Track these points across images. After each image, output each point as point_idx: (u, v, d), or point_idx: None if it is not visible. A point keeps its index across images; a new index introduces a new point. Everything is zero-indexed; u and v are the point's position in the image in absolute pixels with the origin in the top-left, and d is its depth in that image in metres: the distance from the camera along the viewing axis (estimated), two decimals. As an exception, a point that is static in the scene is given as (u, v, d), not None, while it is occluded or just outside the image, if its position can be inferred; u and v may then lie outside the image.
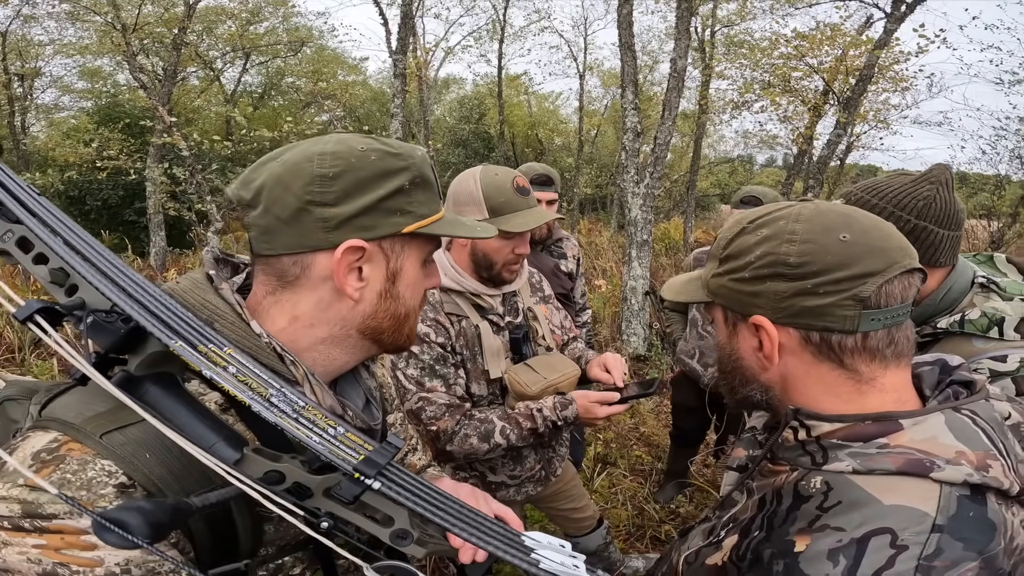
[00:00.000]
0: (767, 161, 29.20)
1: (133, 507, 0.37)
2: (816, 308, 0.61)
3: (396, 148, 0.61)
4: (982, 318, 1.07)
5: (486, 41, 12.02)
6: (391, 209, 0.60)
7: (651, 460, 3.31)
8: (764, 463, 0.72)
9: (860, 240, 0.60)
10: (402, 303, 0.65)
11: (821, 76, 6.72)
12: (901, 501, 0.56)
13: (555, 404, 1.31)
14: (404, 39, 5.16)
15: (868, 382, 0.64)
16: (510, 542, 0.49)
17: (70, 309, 0.44)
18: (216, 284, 0.60)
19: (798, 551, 0.57)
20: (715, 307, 0.74)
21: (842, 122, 5.56)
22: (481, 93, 15.61)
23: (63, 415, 0.50)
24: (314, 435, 0.46)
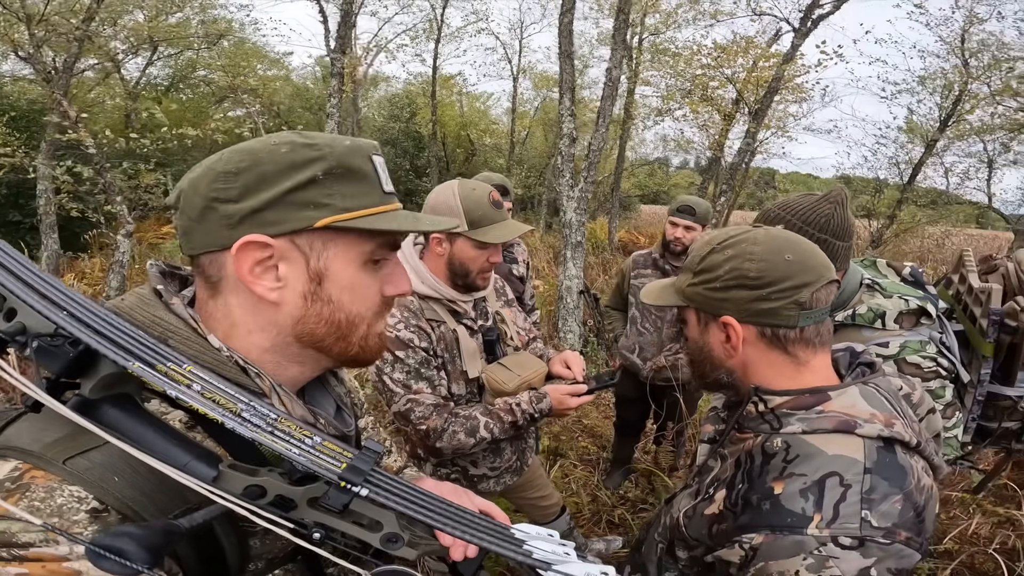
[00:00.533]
0: (681, 163, 31.05)
1: (125, 533, 0.37)
2: (769, 310, 0.82)
3: (313, 139, 0.57)
4: (868, 312, 1.36)
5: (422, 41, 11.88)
6: (301, 202, 0.55)
7: (597, 450, 3.49)
8: (733, 433, 0.90)
9: (799, 260, 0.81)
10: (339, 308, 0.59)
11: (735, 86, 7.32)
12: (839, 451, 0.75)
13: (531, 398, 1.41)
14: (344, 37, 5.03)
15: (804, 364, 0.85)
16: (501, 536, 0.50)
17: (11, 335, 0.43)
18: (166, 299, 0.58)
19: (777, 493, 0.75)
20: (689, 310, 0.92)
21: (752, 131, 6.12)
22: (412, 92, 15.40)
23: (18, 443, 0.47)
24: (292, 447, 0.45)
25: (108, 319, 0.47)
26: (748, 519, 0.76)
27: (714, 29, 9.02)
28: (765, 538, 0.73)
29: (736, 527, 0.78)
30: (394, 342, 1.35)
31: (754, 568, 0.73)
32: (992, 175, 10.48)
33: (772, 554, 0.72)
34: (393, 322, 1.36)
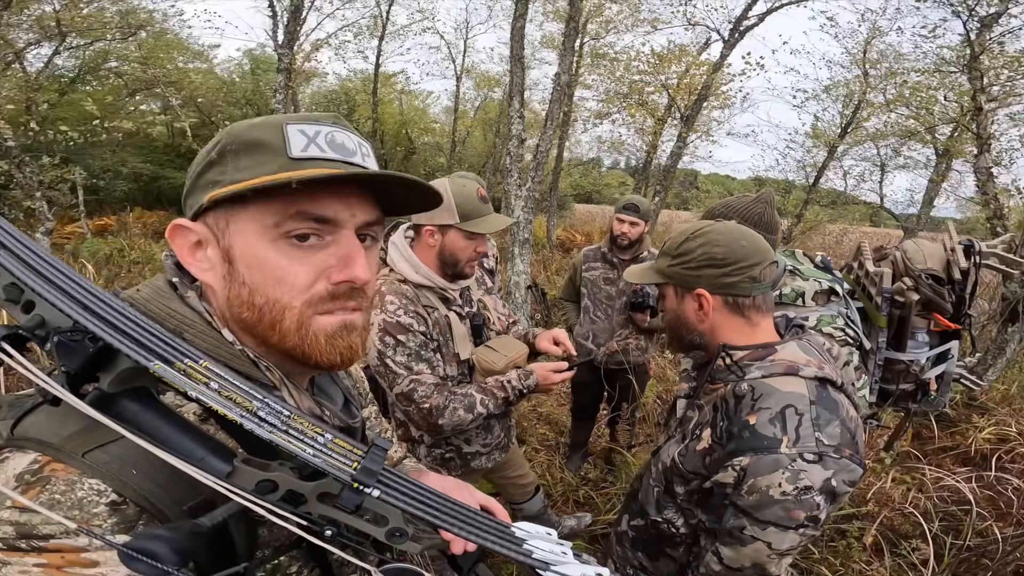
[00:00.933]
0: (613, 164, 32.17)
1: (155, 535, 0.38)
2: (731, 283, 1.05)
3: (223, 131, 0.58)
4: (791, 292, 1.69)
5: (366, 37, 11.60)
6: (204, 184, 0.56)
7: (555, 436, 3.69)
8: (706, 384, 1.11)
9: (751, 245, 1.05)
10: (257, 291, 0.56)
11: (668, 92, 7.79)
12: (790, 389, 0.97)
13: (519, 375, 1.56)
14: (292, 32, 4.91)
15: (756, 325, 1.09)
16: (502, 535, 0.52)
17: (31, 330, 0.43)
18: (181, 292, 0.59)
19: (752, 423, 0.96)
20: (668, 286, 1.14)
21: (683, 135, 6.58)
22: (348, 88, 15.03)
23: (38, 435, 0.48)
24: (307, 447, 0.46)
25: (125, 312, 0.46)
26: (734, 446, 0.96)
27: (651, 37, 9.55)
28: (750, 459, 0.92)
29: (726, 454, 0.97)
30: (395, 327, 1.45)
31: (746, 485, 0.92)
32: (884, 178, 11.74)
33: (758, 471, 0.91)
34: (393, 308, 1.46)
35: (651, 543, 1.21)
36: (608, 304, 3.03)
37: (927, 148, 9.68)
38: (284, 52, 4.82)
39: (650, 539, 1.21)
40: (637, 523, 1.26)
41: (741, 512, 0.94)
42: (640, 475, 1.33)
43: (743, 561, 0.96)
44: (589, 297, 3.07)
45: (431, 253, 1.54)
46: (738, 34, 6.62)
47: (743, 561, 0.96)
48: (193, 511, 0.49)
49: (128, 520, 0.46)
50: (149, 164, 14.58)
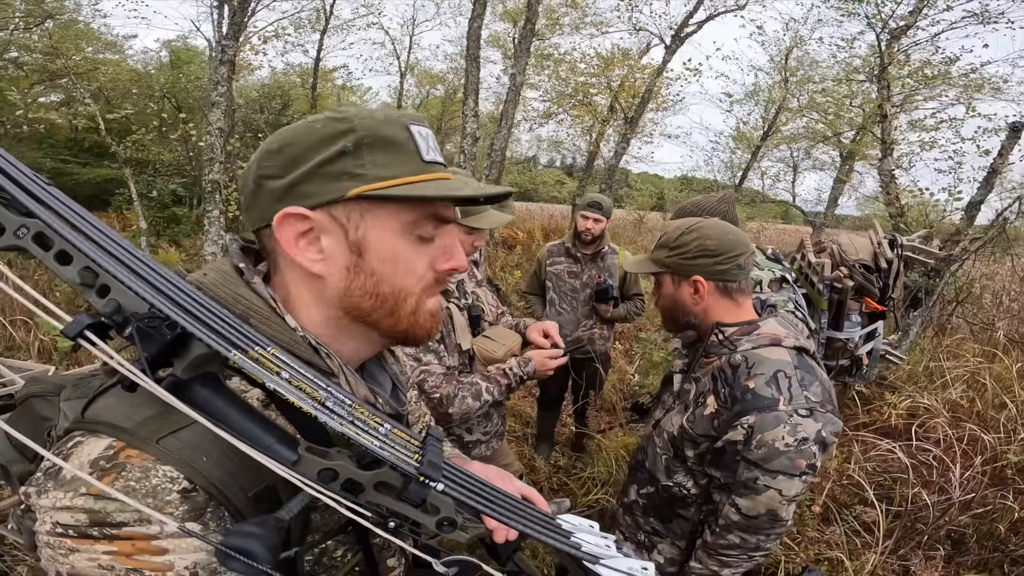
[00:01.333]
0: (549, 162, 32.84)
1: (250, 533, 0.38)
2: (723, 271, 1.22)
3: (344, 113, 0.57)
4: (751, 280, 1.94)
5: (307, 31, 11.07)
6: (334, 174, 0.55)
7: (521, 427, 3.80)
8: (701, 359, 1.27)
9: (736, 238, 1.23)
10: (383, 281, 0.59)
11: (613, 94, 8.11)
12: (777, 357, 1.14)
13: (519, 362, 1.65)
14: (239, 23, 4.65)
15: (740, 305, 1.26)
16: (551, 527, 0.52)
17: (110, 316, 0.42)
18: (247, 277, 0.59)
19: (752, 387, 1.11)
20: (666, 274, 1.29)
21: (628, 136, 6.90)
22: (281, 82, 14.33)
23: (112, 419, 0.48)
24: (374, 439, 0.46)
25: (196, 297, 0.47)
26: (740, 408, 1.11)
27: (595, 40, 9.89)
28: (755, 417, 1.07)
29: (733, 415, 1.12)
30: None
31: (755, 440, 1.07)
32: (796, 178, 12.78)
33: (763, 427, 1.06)
34: None
35: (663, 507, 1.34)
36: (573, 296, 3.17)
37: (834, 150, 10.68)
38: (229, 43, 4.58)
39: (662, 503, 1.33)
40: (647, 491, 1.38)
41: (752, 465, 1.08)
42: (642, 447, 1.46)
43: (759, 509, 1.10)
44: (554, 290, 3.20)
45: None
46: (679, 40, 7.02)
47: (759, 509, 1.10)
48: (257, 498, 0.49)
49: (198, 508, 0.46)
50: (48, 160, 13.27)
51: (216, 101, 4.67)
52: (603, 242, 3.12)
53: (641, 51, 8.61)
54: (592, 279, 3.13)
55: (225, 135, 5.20)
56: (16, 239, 0.42)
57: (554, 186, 26.80)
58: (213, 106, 4.75)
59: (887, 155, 5.14)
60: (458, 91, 14.90)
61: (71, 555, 0.44)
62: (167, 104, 11.34)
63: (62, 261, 0.42)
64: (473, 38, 4.93)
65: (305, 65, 12.95)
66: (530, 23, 5.08)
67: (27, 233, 0.42)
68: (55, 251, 0.42)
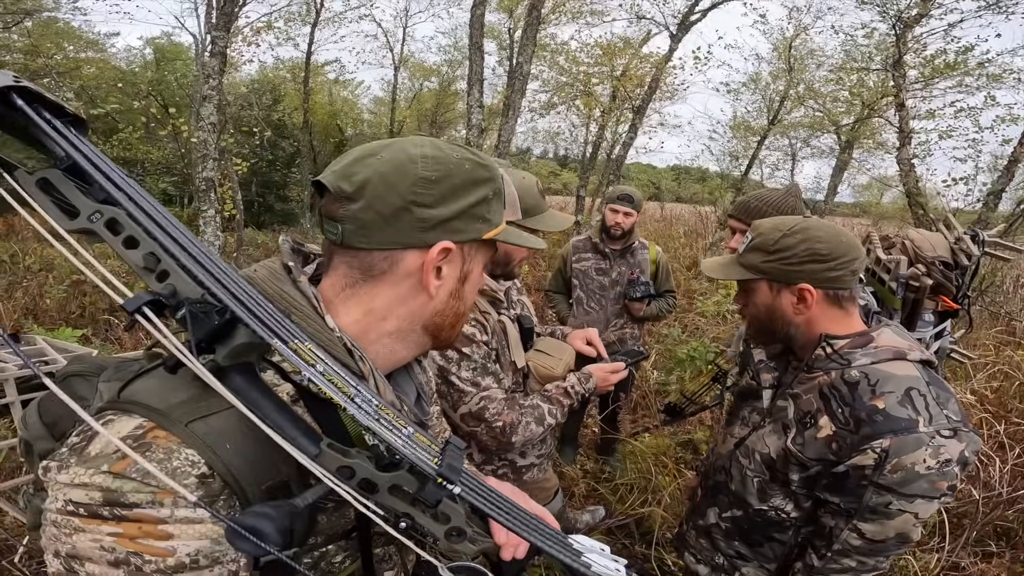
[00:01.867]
0: (541, 153, 32.75)
1: (263, 514, 0.39)
2: (835, 277, 1.07)
3: (483, 160, 0.65)
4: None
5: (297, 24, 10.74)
6: (477, 216, 0.63)
7: (544, 430, 3.63)
8: (801, 374, 1.14)
9: (848, 240, 1.09)
10: (464, 303, 0.69)
11: (615, 84, 7.93)
12: (905, 372, 1.02)
13: (579, 379, 1.46)
14: (229, 14, 4.41)
15: (850, 315, 1.13)
16: (563, 545, 0.53)
17: (166, 298, 0.44)
18: (295, 275, 0.61)
19: (882, 407, 0.99)
20: (760, 281, 1.15)
21: (636, 125, 6.73)
22: (271, 78, 13.98)
23: (147, 399, 0.49)
24: (398, 438, 0.47)
25: (246, 288, 0.49)
26: (870, 430, 0.99)
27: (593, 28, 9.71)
28: (891, 441, 0.96)
29: (860, 438, 0.99)
30: (459, 338, 1.30)
31: (889, 464, 0.96)
32: (795, 166, 12.73)
33: (901, 451, 0.96)
34: None
35: (754, 531, 1.24)
36: (601, 294, 3.00)
37: (830, 137, 10.61)
38: (219, 36, 4.33)
39: (753, 527, 1.23)
40: (732, 514, 1.28)
41: (885, 490, 0.98)
42: (721, 468, 1.33)
43: (887, 533, 1.01)
44: (581, 288, 3.04)
45: None
46: (685, 29, 6.86)
47: (887, 533, 1.01)
48: (271, 491, 0.50)
49: (212, 494, 0.47)
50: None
51: (208, 95, 4.43)
52: (633, 237, 2.96)
53: (641, 40, 8.46)
54: (622, 276, 2.96)
55: (218, 130, 4.97)
56: (89, 223, 0.45)
57: (547, 177, 26.66)
58: (205, 100, 4.50)
59: (905, 144, 5.01)
60: (452, 83, 14.66)
61: (75, 535, 0.44)
62: (153, 102, 11.02)
63: (129, 245, 0.45)
64: (476, 25, 4.74)
65: (296, 60, 12.66)
66: (536, 10, 4.88)
67: (100, 219, 0.45)
68: (123, 236, 0.45)
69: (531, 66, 4.87)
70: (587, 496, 2.94)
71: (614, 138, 10.57)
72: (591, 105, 8.96)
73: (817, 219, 1.12)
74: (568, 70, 8.70)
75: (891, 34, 5.48)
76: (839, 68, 7.33)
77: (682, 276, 7.83)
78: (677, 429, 3.44)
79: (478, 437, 1.35)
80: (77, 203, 0.45)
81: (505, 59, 10.75)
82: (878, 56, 6.21)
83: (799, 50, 8.03)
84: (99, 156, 0.48)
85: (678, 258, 9.66)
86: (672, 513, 2.60)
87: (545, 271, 7.95)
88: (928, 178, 5.29)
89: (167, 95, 12.83)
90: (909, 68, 5.33)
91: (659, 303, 3.04)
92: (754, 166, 11.43)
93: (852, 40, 6.74)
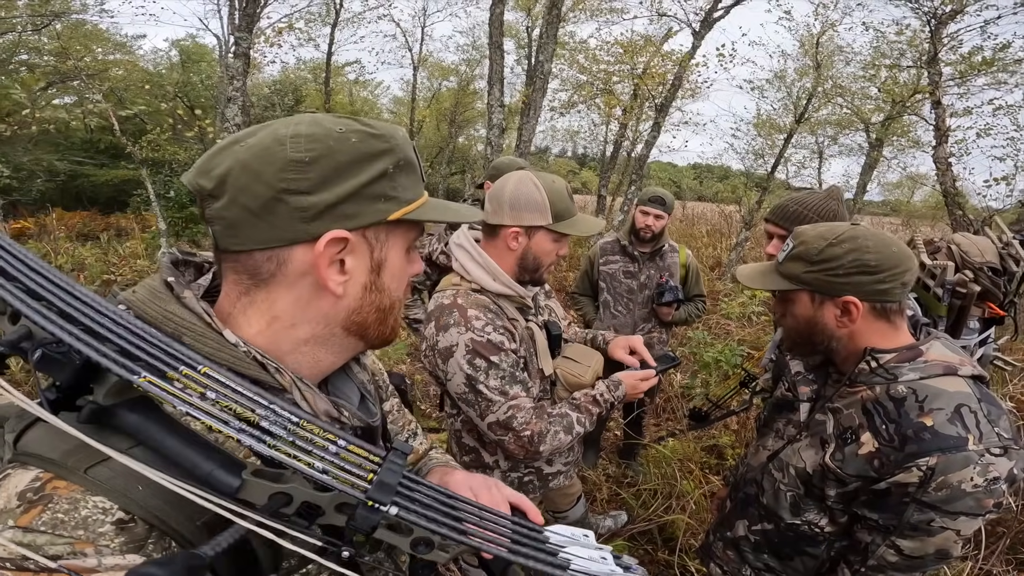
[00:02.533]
0: (560, 152, 32.65)
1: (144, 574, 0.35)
2: (883, 290, 1.02)
3: (378, 129, 0.57)
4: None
5: (317, 24, 10.87)
6: (374, 195, 0.55)
7: (567, 434, 3.61)
8: (843, 388, 1.10)
9: (900, 251, 1.03)
10: (387, 295, 0.61)
11: (636, 82, 7.85)
12: (955, 389, 0.98)
13: (608, 387, 1.43)
14: (251, 15, 4.47)
15: (898, 328, 1.07)
16: (535, 544, 0.49)
17: (14, 344, 0.39)
18: (177, 292, 0.54)
19: (931, 425, 0.95)
20: (801, 292, 1.10)
21: (659, 123, 6.65)
22: (291, 79, 14.19)
23: (38, 449, 0.45)
24: (315, 459, 0.43)
25: (119, 319, 0.44)
26: (916, 448, 0.96)
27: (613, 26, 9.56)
28: (938, 459, 0.93)
29: (905, 456, 0.97)
30: (486, 346, 1.28)
31: (935, 482, 0.93)
32: (822, 165, 12.42)
33: (948, 469, 0.93)
34: (480, 325, 1.29)
35: (785, 545, 1.21)
36: (629, 298, 2.96)
37: (860, 135, 10.33)
38: (242, 36, 4.39)
39: (784, 541, 1.21)
40: (762, 527, 1.25)
41: (928, 507, 0.96)
42: (752, 480, 1.30)
43: (927, 549, 0.99)
44: (608, 291, 3.00)
45: (511, 257, 1.37)
46: (708, 26, 6.75)
47: (927, 549, 0.99)
48: (209, 526, 0.46)
49: (137, 539, 0.44)
50: (66, 162, 13.27)
51: (232, 96, 4.49)
52: (663, 239, 2.91)
53: (663, 37, 8.35)
54: (651, 279, 2.92)
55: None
56: None
57: (566, 176, 26.51)
58: (229, 101, 4.57)
59: (942, 142, 4.85)
60: (471, 82, 14.67)
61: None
62: (180, 103, 11.25)
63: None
64: (496, 24, 4.72)
65: (317, 60, 12.81)
66: (556, 7, 4.84)
67: None
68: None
69: (552, 64, 4.83)
70: (609, 501, 2.91)
71: (635, 136, 10.45)
72: (612, 104, 8.87)
73: (866, 227, 1.07)
74: (588, 69, 8.63)
75: (924, 31, 5.31)
76: (869, 65, 7.13)
77: (705, 277, 7.73)
78: (702, 434, 3.39)
79: (505, 446, 1.34)
80: None
81: (524, 58, 10.76)
82: (910, 52, 6.03)
83: (826, 47, 7.84)
84: None
85: (701, 258, 9.53)
86: (696, 520, 2.56)
87: (566, 272, 7.92)
88: (965, 177, 5.12)
89: (193, 96, 13.09)
90: (944, 65, 5.16)
91: (688, 308, 2.99)
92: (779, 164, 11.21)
93: (883, 36, 6.56)
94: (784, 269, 1.12)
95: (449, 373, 1.30)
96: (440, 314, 1.31)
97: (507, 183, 1.34)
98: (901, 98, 6.44)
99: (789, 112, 8.97)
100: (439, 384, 1.44)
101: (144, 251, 8.24)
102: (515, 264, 1.37)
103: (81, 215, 11.80)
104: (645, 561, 2.47)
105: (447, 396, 1.51)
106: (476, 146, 16.67)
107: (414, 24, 18.39)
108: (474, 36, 13.95)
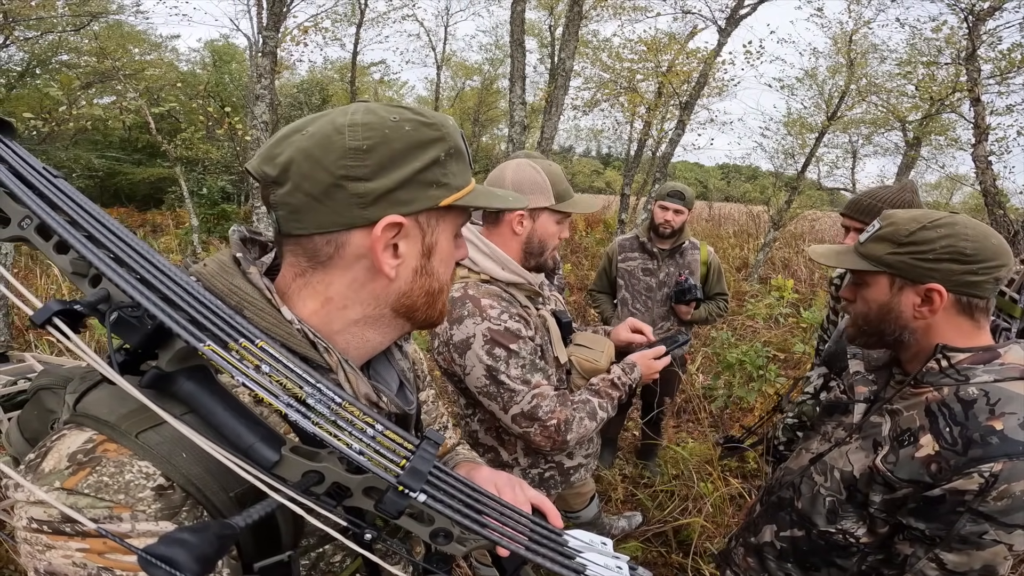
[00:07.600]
0: (584, 152, 32.49)
1: (179, 540, 0.36)
2: (974, 282, 0.95)
3: (429, 117, 0.58)
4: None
5: (343, 24, 11.08)
6: (427, 182, 0.57)
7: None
8: (907, 388, 1.03)
9: (1000, 244, 0.95)
10: (436, 278, 0.63)
11: (660, 80, 7.76)
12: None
13: (624, 370, 1.41)
14: (278, 14, 4.57)
15: (981, 328, 1.00)
16: (554, 546, 0.49)
17: (92, 306, 0.41)
18: (244, 268, 0.57)
19: (1000, 429, 0.89)
20: (879, 274, 1.02)
21: (684, 122, 6.55)
22: (318, 79, 14.47)
23: (97, 411, 0.47)
24: (353, 440, 0.44)
25: (188, 288, 0.46)
26: (981, 452, 0.90)
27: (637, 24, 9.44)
28: (1004, 465, 0.87)
29: (967, 460, 0.90)
30: (504, 334, 1.26)
31: (996, 491, 0.87)
32: (856, 164, 12.03)
33: (1013, 477, 0.87)
34: (496, 313, 1.27)
35: (813, 554, 1.15)
36: (648, 296, 2.92)
37: (895, 134, 9.98)
38: (270, 35, 4.50)
39: (813, 549, 1.15)
40: (792, 533, 1.19)
41: (983, 518, 0.89)
42: (789, 483, 1.24)
43: (973, 564, 0.92)
44: (627, 288, 2.96)
45: (515, 243, 1.35)
46: (734, 23, 6.63)
47: (973, 564, 0.92)
48: (240, 499, 0.48)
49: (173, 506, 0.45)
50: (104, 160, 13.79)
51: (260, 94, 4.60)
52: (683, 236, 2.86)
53: (688, 35, 8.22)
54: (670, 277, 2.87)
55: (271, 129, 5.16)
56: (20, 230, 0.43)
57: (589, 176, 26.35)
58: (258, 99, 4.68)
59: (981, 141, 4.65)
60: (494, 81, 14.70)
61: (47, 552, 0.43)
62: (212, 102, 11.59)
63: (60, 250, 0.43)
64: (517, 22, 4.71)
65: (343, 60, 13.03)
66: (577, 5, 4.81)
67: (30, 224, 0.43)
68: (54, 241, 0.43)
69: (573, 62, 4.80)
70: (624, 501, 2.87)
71: (659, 135, 10.32)
72: (636, 102, 8.77)
73: (966, 216, 0.99)
74: (611, 67, 8.55)
75: (962, 27, 5.10)
76: (905, 62, 6.88)
77: (731, 277, 7.58)
78: (721, 437, 3.32)
79: (531, 438, 1.31)
80: (8, 210, 0.43)
81: (546, 56, 10.75)
82: (948, 50, 5.79)
83: (860, 44, 7.59)
84: (22, 158, 0.46)
85: (727, 259, 9.36)
86: (713, 523, 2.51)
87: (588, 270, 7.87)
88: (1006, 176, 4.91)
89: (224, 95, 13.45)
90: (983, 62, 4.94)
91: (709, 306, 2.93)
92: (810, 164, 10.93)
93: (919, 33, 6.32)
94: (865, 249, 1.04)
95: (467, 367, 1.28)
96: (452, 307, 1.30)
97: (506, 170, 1.34)
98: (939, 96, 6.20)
99: (821, 111, 8.73)
100: (454, 382, 1.44)
101: (177, 246, 8.50)
102: (521, 249, 1.37)
103: (118, 211, 12.24)
104: (659, 564, 2.43)
105: (461, 394, 1.50)
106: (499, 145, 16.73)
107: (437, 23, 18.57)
108: (497, 35, 14.00)
